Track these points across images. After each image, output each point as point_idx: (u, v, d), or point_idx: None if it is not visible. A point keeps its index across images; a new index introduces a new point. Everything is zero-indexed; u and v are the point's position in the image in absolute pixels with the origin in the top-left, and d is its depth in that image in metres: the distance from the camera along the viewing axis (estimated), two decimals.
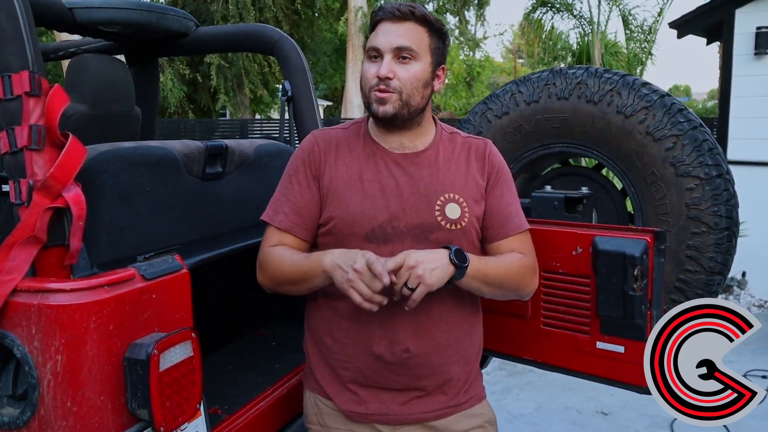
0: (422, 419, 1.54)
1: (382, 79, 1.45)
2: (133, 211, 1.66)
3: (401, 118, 1.49)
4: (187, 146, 1.86)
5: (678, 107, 2.07)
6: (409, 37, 1.46)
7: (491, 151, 1.61)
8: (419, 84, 1.48)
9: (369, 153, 1.55)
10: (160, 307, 1.32)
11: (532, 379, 4.30)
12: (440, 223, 1.49)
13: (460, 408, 1.58)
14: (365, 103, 1.52)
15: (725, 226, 1.99)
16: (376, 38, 1.48)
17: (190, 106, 18.49)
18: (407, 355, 1.49)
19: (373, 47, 1.48)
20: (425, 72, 1.49)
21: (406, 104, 1.47)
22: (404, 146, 1.55)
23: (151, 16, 2.33)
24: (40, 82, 1.28)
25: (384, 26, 1.48)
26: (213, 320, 2.00)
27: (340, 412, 1.56)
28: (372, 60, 1.49)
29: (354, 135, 1.59)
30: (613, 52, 9.86)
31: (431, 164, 1.54)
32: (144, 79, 2.79)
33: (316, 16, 18.32)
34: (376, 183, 1.51)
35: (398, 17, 1.46)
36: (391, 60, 1.45)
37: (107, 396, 1.21)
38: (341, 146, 1.57)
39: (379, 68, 1.45)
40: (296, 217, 1.53)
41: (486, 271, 1.46)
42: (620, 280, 1.68)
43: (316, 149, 1.57)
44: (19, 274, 1.22)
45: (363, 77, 1.50)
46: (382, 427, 1.54)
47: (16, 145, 1.25)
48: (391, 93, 1.46)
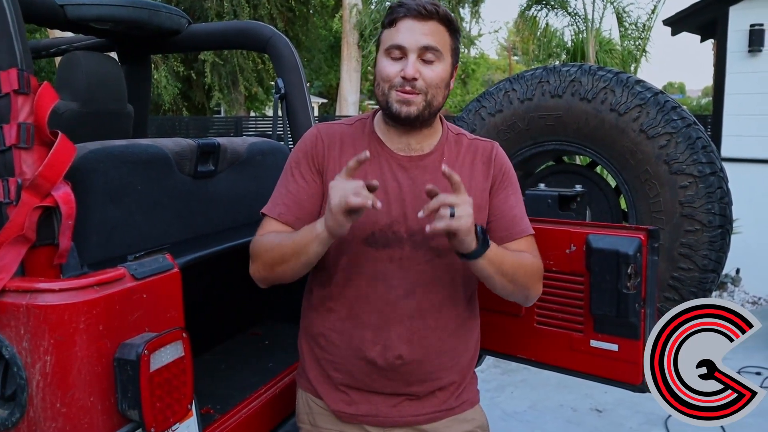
0: (413, 422, 1.53)
1: (408, 80, 1.40)
2: (123, 210, 1.65)
3: (422, 119, 1.45)
4: (179, 144, 1.85)
5: (671, 105, 2.07)
6: (435, 37, 1.41)
7: (497, 154, 1.57)
8: (443, 84, 1.44)
9: (373, 153, 1.49)
10: (151, 307, 1.31)
11: (526, 377, 4.31)
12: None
13: (452, 412, 1.56)
14: (383, 102, 1.45)
15: (719, 224, 1.99)
16: (399, 35, 1.40)
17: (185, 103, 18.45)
18: (400, 362, 1.47)
19: (397, 45, 1.41)
20: (447, 73, 1.45)
21: (429, 105, 1.43)
22: (411, 148, 1.51)
23: (143, 13, 2.31)
24: (28, 79, 1.27)
25: (407, 23, 1.40)
26: (206, 319, 1.99)
27: (330, 412, 1.55)
28: (393, 58, 1.42)
29: (359, 132, 1.54)
30: (607, 50, 9.87)
31: (435, 169, 1.49)
32: (136, 77, 2.77)
33: (311, 13, 18.26)
34: (380, 186, 1.45)
35: (424, 15, 1.40)
36: (416, 60, 1.40)
37: (97, 397, 1.20)
38: (345, 142, 1.52)
39: (403, 67, 1.40)
40: (298, 210, 1.48)
41: (503, 259, 1.41)
42: (614, 278, 1.68)
43: (320, 143, 1.52)
44: (7, 274, 1.21)
45: (382, 75, 1.43)
46: (372, 428, 1.53)
47: (5, 144, 1.24)
48: (417, 94, 1.41)
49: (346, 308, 1.50)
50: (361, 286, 1.47)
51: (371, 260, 1.46)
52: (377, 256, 1.44)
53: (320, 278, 1.55)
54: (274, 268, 1.43)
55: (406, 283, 1.45)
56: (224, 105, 18.42)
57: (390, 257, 1.45)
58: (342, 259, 1.48)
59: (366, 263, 1.46)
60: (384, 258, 1.44)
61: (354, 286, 1.48)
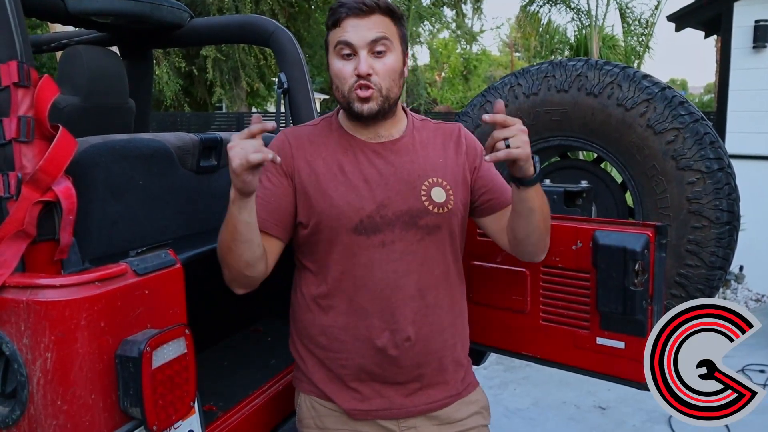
0: (426, 410, 1.54)
1: (363, 76, 1.42)
2: (125, 205, 1.63)
3: (383, 112, 1.48)
4: (181, 139, 1.83)
5: (679, 100, 2.04)
6: (380, 29, 1.44)
7: (464, 133, 1.64)
8: (396, 75, 1.47)
9: (345, 145, 1.53)
10: (153, 303, 1.29)
11: (529, 374, 4.29)
12: (427, 208, 1.49)
13: (460, 396, 1.60)
14: (344, 103, 1.48)
15: (726, 221, 1.97)
16: (346, 34, 1.43)
17: (186, 99, 18.46)
18: (408, 343, 1.49)
19: (346, 42, 1.43)
20: (399, 62, 1.48)
21: (387, 98, 1.46)
22: (380, 135, 1.54)
23: (144, 6, 2.29)
24: (29, 72, 1.25)
25: (350, 22, 1.43)
26: (207, 315, 1.97)
27: (341, 411, 1.54)
28: (344, 57, 1.44)
29: (326, 130, 1.57)
30: (610, 46, 9.85)
31: (410, 150, 1.54)
32: (138, 71, 2.76)
33: (313, 8, 18.24)
34: (358, 174, 1.49)
35: (365, 11, 1.42)
36: (367, 55, 1.43)
37: (98, 394, 1.18)
38: (315, 142, 1.54)
39: (356, 65, 1.42)
40: (264, 213, 1.47)
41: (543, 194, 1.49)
42: (621, 275, 1.66)
43: (287, 146, 1.53)
44: (7, 270, 1.19)
45: (338, 77, 1.46)
46: (387, 422, 1.53)
47: (5, 137, 1.22)
48: (373, 89, 1.44)
49: (345, 302, 1.50)
50: (358, 276, 1.48)
51: (363, 248, 1.47)
52: (369, 243, 1.46)
53: (311, 279, 1.55)
54: (227, 261, 1.41)
55: (401, 264, 1.48)
56: (226, 101, 18.42)
57: (382, 242, 1.47)
58: (334, 254, 1.49)
59: (359, 252, 1.47)
60: (376, 244, 1.46)
61: (350, 278, 1.49)
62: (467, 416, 1.60)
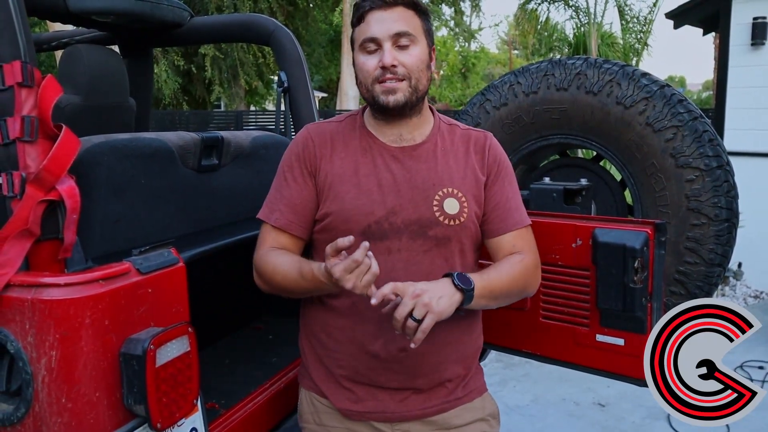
0: (421, 415, 1.52)
1: (388, 68, 1.41)
2: (127, 204, 1.64)
3: (410, 105, 1.46)
4: (183, 138, 1.84)
5: (678, 98, 2.05)
6: (404, 22, 1.43)
7: (491, 144, 1.57)
8: (423, 66, 1.46)
9: (365, 147, 1.51)
10: (156, 302, 1.30)
11: (528, 371, 4.30)
12: (438, 219, 1.46)
13: (461, 402, 1.55)
14: (368, 97, 1.47)
15: (725, 218, 1.98)
16: (370, 28, 1.43)
17: (185, 97, 18.43)
18: (404, 354, 1.46)
19: (370, 38, 1.42)
20: (425, 54, 1.47)
21: (415, 90, 1.44)
22: (402, 138, 1.51)
23: (145, 6, 2.29)
24: (32, 72, 1.25)
25: (374, 15, 1.43)
26: (209, 313, 1.98)
27: (336, 410, 1.54)
28: (369, 52, 1.44)
29: (349, 128, 1.55)
30: (609, 43, 9.85)
31: (429, 157, 1.50)
32: (138, 70, 2.76)
33: (311, 6, 18.22)
34: (373, 178, 1.47)
35: (388, 4, 1.42)
36: (392, 48, 1.41)
37: (103, 392, 1.19)
38: (336, 140, 1.53)
39: (381, 58, 1.41)
40: (292, 215, 1.50)
41: (491, 286, 1.42)
42: (620, 272, 1.67)
43: (311, 144, 1.52)
44: (12, 269, 1.20)
45: (362, 71, 1.45)
46: (380, 424, 1.52)
47: (9, 137, 1.23)
48: (400, 81, 1.42)
49: (348, 304, 1.49)
50: None
51: None
52: (375, 249, 1.42)
53: None
54: (278, 290, 1.51)
55: (405, 274, 1.44)
56: (224, 99, 18.41)
57: (388, 249, 1.45)
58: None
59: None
60: (382, 250, 1.44)
61: None
62: (468, 423, 1.55)
